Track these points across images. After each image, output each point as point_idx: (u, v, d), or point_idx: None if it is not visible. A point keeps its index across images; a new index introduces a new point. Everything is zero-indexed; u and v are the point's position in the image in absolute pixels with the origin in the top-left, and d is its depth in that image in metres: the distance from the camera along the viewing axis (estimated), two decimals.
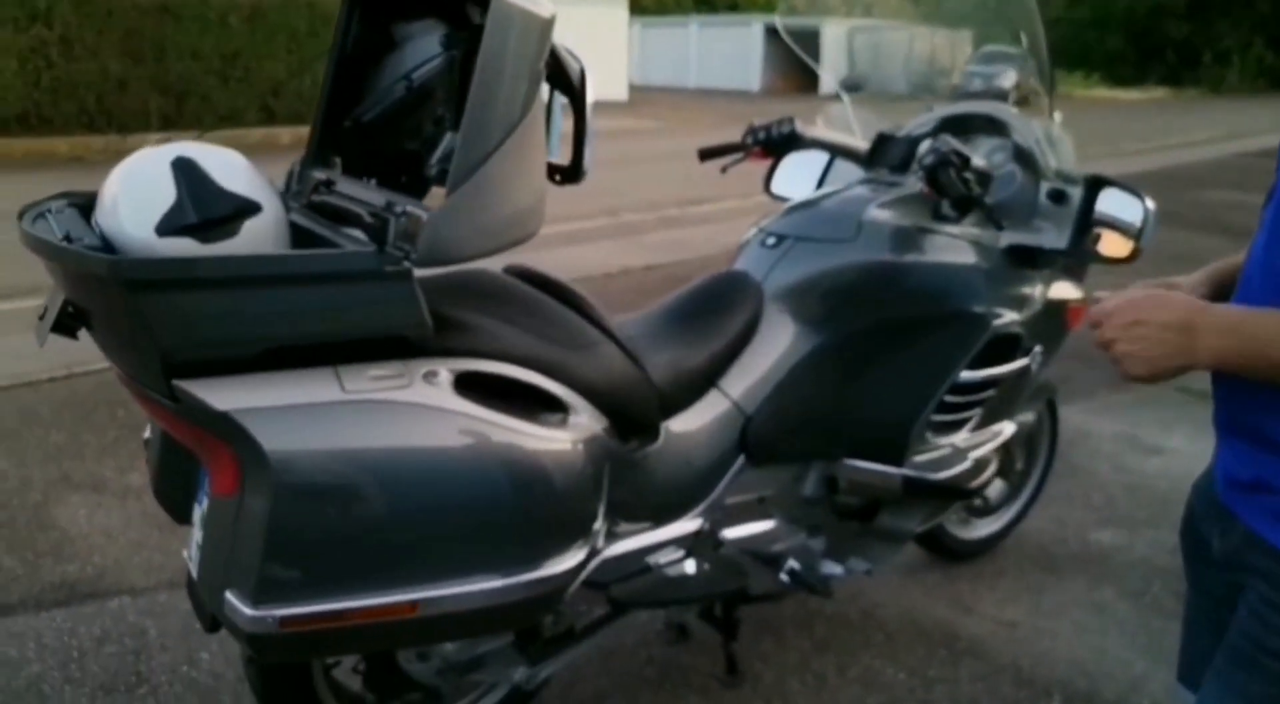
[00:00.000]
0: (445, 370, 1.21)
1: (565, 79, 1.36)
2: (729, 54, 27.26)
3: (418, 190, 1.44)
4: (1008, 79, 2.92)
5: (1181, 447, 3.03)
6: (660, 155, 10.82)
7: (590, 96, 1.36)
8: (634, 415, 1.47)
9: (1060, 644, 2.02)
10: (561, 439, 1.30)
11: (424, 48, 1.45)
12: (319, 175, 1.45)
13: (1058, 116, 1.98)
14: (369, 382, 1.15)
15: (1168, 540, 2.44)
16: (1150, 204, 1.76)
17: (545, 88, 1.36)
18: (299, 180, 1.48)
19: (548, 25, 1.22)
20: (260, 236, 1.17)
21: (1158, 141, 13.75)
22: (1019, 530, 2.42)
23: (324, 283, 1.12)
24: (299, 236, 1.28)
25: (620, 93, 22.18)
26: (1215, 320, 0.92)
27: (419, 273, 1.15)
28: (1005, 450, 2.10)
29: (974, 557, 2.33)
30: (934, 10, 3.25)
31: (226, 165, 1.18)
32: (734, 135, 1.99)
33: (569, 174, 1.40)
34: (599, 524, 1.42)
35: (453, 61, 1.42)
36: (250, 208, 1.16)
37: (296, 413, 1.09)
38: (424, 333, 1.18)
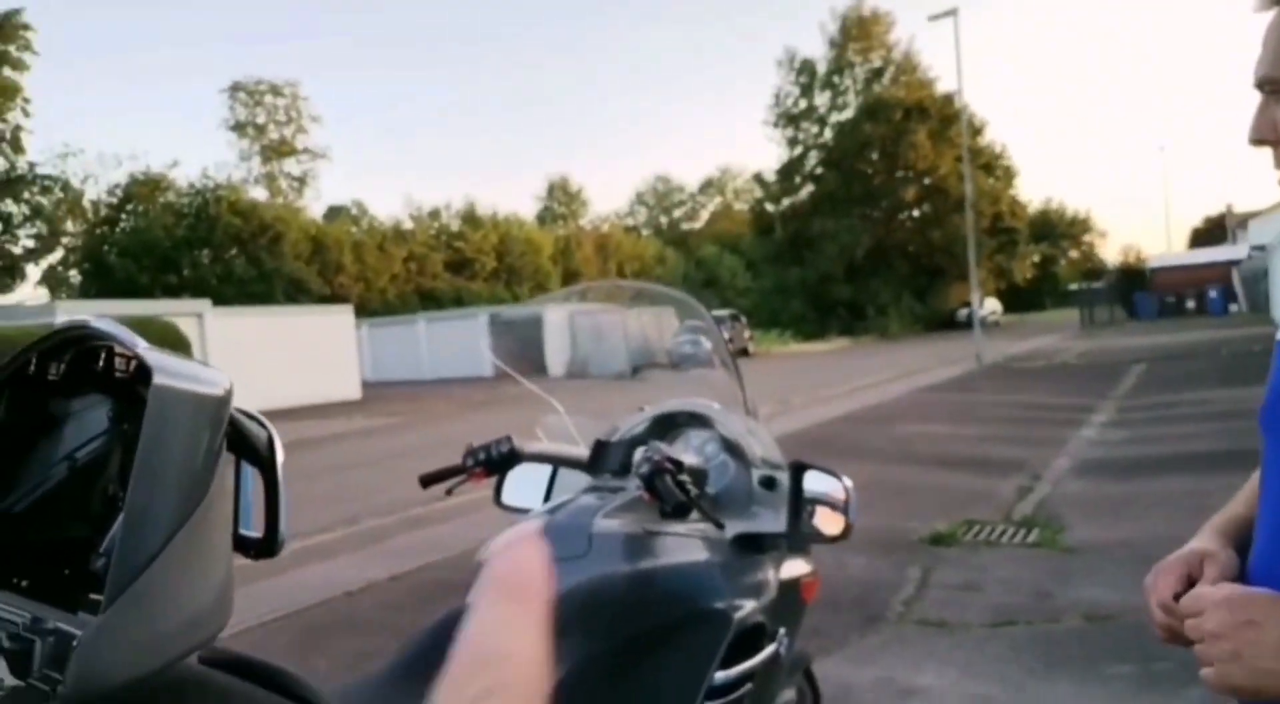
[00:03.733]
0: None
1: (251, 447, 1.29)
2: (459, 344, 28.22)
3: (83, 585, 1.26)
4: (710, 345, 3.22)
5: (933, 684, 3.15)
6: (398, 451, 10.64)
7: (280, 460, 1.29)
8: None
9: None
10: None
11: (90, 424, 1.32)
12: None
13: (756, 409, 2.17)
14: None
15: None
16: (847, 482, 1.92)
17: (230, 459, 1.28)
18: None
19: (222, 402, 1.14)
20: None
21: (848, 386, 15.60)
22: None
23: None
24: None
25: (353, 392, 22.02)
26: None
27: None
28: None
29: None
30: (639, 295, 3.59)
31: None
32: (471, 421, 1.98)
33: (264, 547, 1.28)
34: None
35: (125, 436, 1.30)
36: None
37: None
38: None
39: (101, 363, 1.33)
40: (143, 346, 1.17)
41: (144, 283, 33.05)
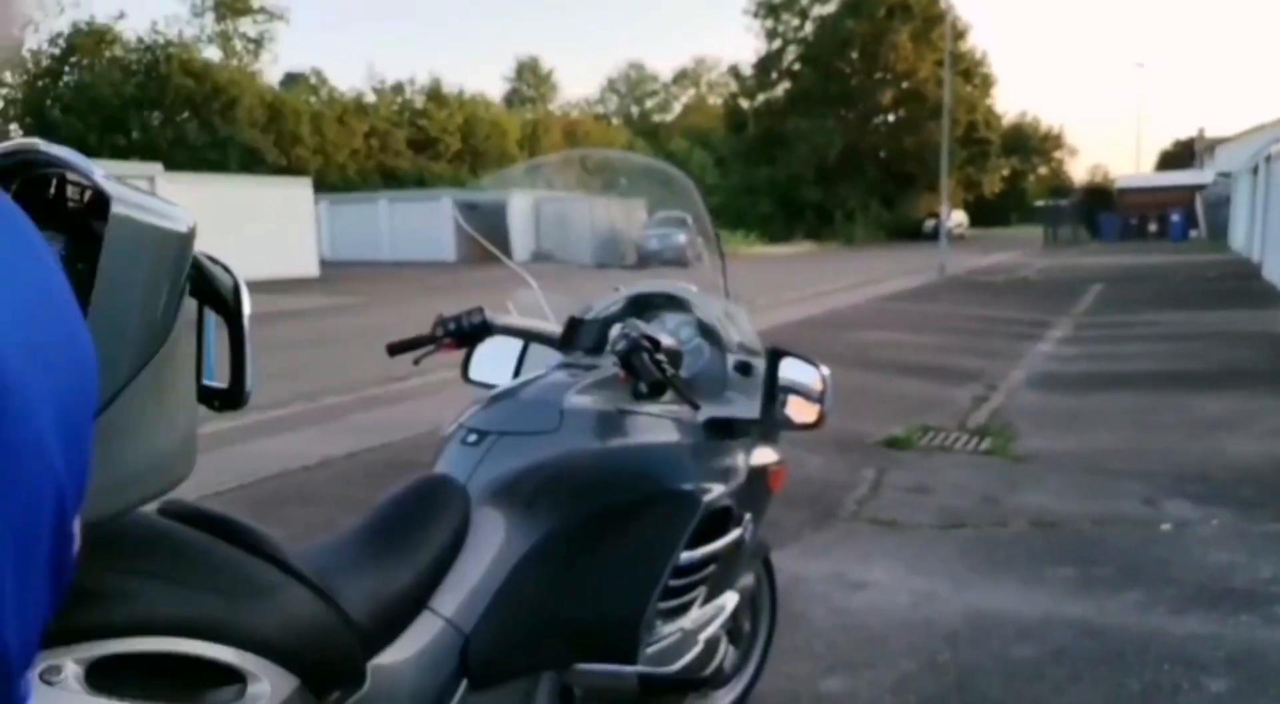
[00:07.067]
0: (71, 663, 0.96)
1: (216, 294, 1.21)
2: (422, 227, 27.70)
3: None
4: (680, 239, 3.14)
5: (881, 579, 3.23)
6: (357, 332, 10.51)
7: (247, 310, 1.21)
8: (331, 664, 1.26)
9: None
10: None
11: None
12: None
13: (734, 294, 2.11)
14: None
15: (885, 679, 2.54)
16: (825, 370, 1.89)
17: (194, 305, 1.20)
18: None
19: (185, 240, 1.05)
20: None
21: (811, 289, 15.64)
22: (755, 692, 2.40)
23: None
24: None
25: (311, 269, 21.61)
26: None
27: None
28: (732, 618, 2.08)
29: None
30: (611, 183, 3.48)
31: None
32: (432, 304, 1.92)
33: (229, 398, 1.22)
34: None
35: (79, 276, 1.21)
36: None
37: None
38: None
39: (53, 191, 1.22)
40: (100, 174, 1.06)
41: (91, 142, 31.58)
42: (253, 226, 19.64)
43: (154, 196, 1.07)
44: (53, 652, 0.95)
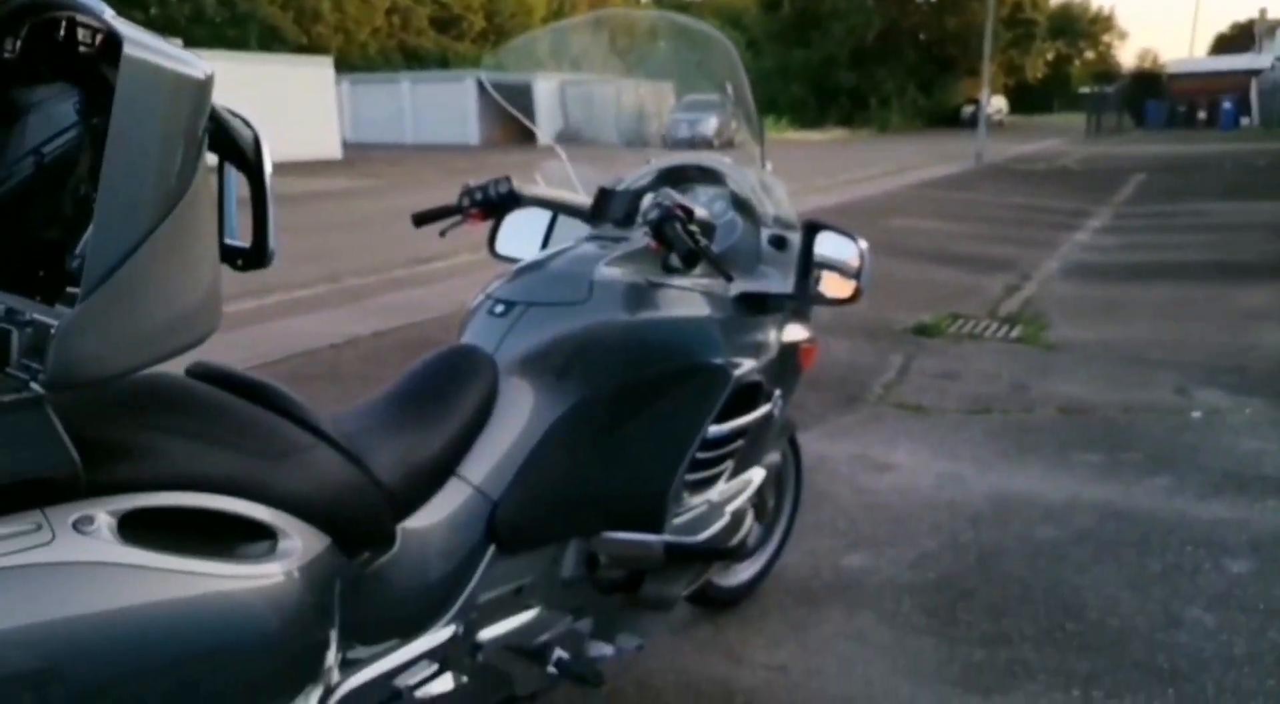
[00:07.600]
0: (104, 514, 0.97)
1: (236, 148, 1.16)
2: (445, 109, 27.16)
3: (60, 286, 1.17)
4: (709, 125, 3.02)
5: (905, 461, 3.24)
6: (381, 214, 10.45)
7: (268, 166, 1.17)
8: (361, 525, 1.27)
9: (829, 682, 2.03)
10: (270, 573, 1.08)
11: (57, 117, 1.18)
12: None
13: (769, 166, 2.03)
14: None
15: (907, 556, 2.57)
16: (864, 244, 1.83)
17: (215, 160, 1.16)
18: None
19: (202, 87, 1.00)
20: None
21: (843, 177, 15.28)
22: (777, 566, 2.44)
23: None
24: None
25: (334, 151, 21.37)
26: None
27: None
28: (757, 494, 2.10)
29: (739, 602, 2.32)
30: (638, 64, 3.34)
31: None
32: (456, 188, 1.87)
33: (252, 257, 1.19)
34: (331, 658, 1.21)
35: (95, 131, 1.16)
36: None
37: None
38: (70, 471, 0.93)
39: (62, 35, 1.16)
40: (110, 14, 1.00)
41: None
42: (274, 107, 19.23)
43: (169, 43, 1.02)
44: (85, 503, 0.96)
